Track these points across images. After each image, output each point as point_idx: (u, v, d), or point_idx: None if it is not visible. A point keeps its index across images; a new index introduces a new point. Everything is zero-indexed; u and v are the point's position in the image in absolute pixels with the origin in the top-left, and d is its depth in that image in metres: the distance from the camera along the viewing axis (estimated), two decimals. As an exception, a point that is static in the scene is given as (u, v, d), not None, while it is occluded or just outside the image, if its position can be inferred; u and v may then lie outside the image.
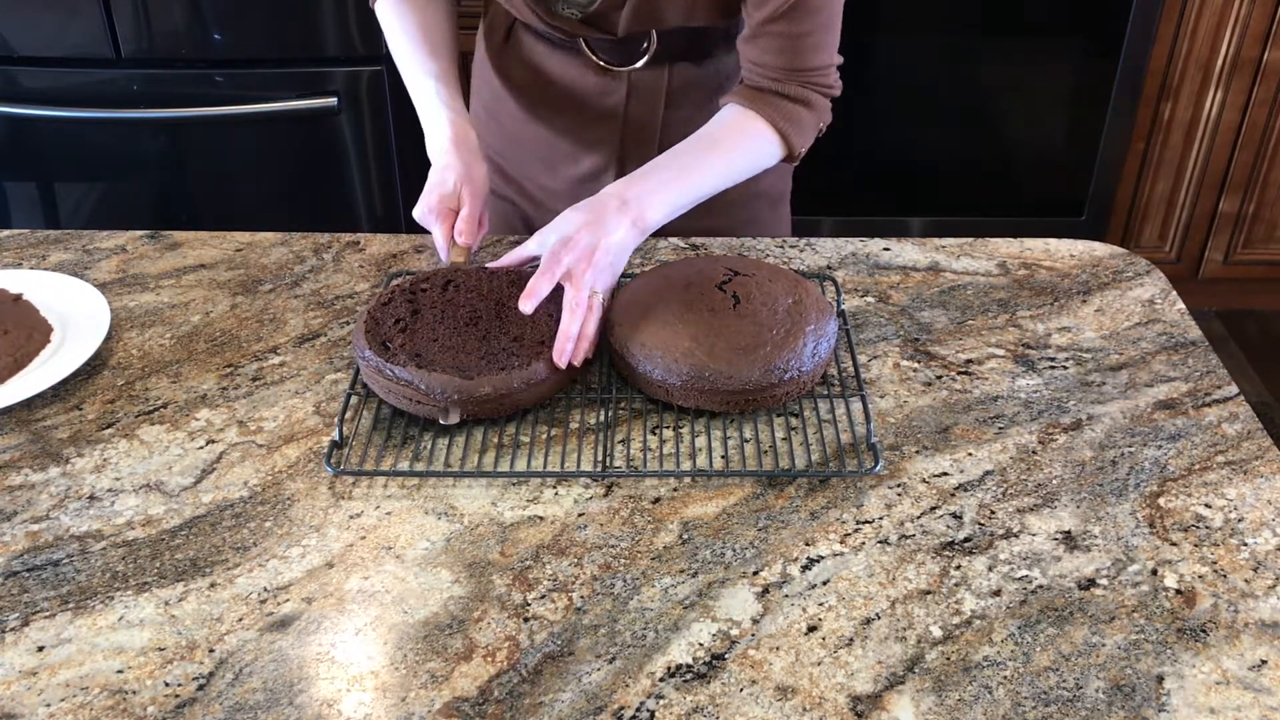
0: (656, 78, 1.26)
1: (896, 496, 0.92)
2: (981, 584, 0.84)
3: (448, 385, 0.95)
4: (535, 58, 1.29)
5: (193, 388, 1.04)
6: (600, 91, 1.27)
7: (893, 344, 1.10)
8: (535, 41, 1.28)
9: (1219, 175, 2.65)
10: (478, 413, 0.96)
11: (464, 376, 0.95)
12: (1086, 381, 1.05)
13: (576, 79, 1.27)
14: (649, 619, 0.81)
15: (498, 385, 0.95)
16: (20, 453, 0.97)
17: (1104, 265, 1.23)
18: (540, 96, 1.31)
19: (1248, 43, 2.49)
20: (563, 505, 0.91)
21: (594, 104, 1.28)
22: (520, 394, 0.97)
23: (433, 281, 1.07)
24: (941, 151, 2.60)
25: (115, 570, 0.85)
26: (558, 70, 1.28)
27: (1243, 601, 0.83)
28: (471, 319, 1.03)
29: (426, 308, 1.04)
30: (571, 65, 1.27)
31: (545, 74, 1.29)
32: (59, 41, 2.21)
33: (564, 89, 1.29)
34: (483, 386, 0.95)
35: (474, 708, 0.75)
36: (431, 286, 1.06)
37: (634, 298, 1.04)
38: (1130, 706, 0.75)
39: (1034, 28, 2.48)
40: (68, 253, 1.24)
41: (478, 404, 0.96)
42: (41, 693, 0.76)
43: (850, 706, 0.75)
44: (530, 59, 1.29)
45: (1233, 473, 0.95)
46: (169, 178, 2.39)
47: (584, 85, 1.27)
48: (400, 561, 0.86)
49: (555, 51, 1.27)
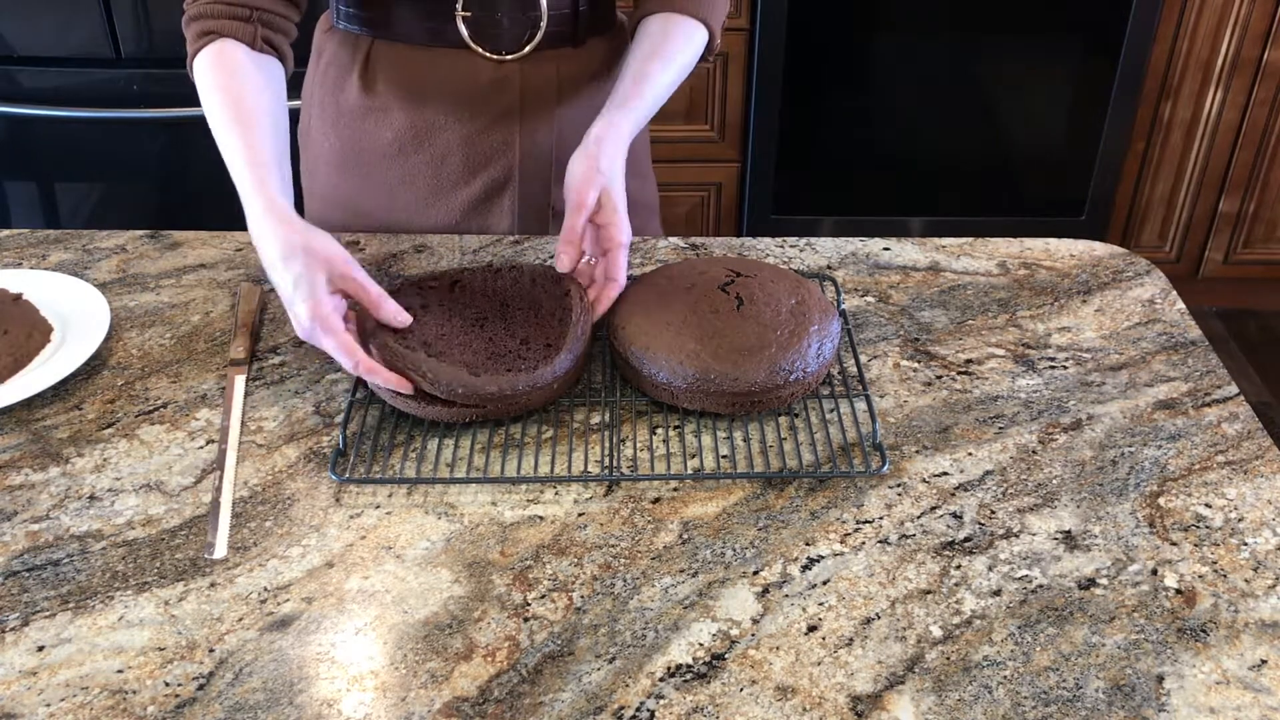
0: (547, 67, 1.23)
1: (896, 496, 0.92)
2: (981, 584, 0.84)
3: (455, 379, 0.95)
4: (408, 73, 1.23)
5: (193, 388, 1.04)
6: (490, 90, 1.22)
7: (893, 344, 1.10)
8: (407, 53, 1.22)
9: (1219, 175, 2.65)
10: (483, 414, 0.96)
11: (471, 373, 0.95)
12: (1086, 381, 1.05)
13: (463, 81, 1.22)
14: (649, 619, 0.81)
15: (503, 386, 0.95)
16: (20, 452, 0.97)
17: (1104, 265, 1.23)
18: (420, 117, 1.24)
19: (1248, 43, 2.49)
20: (563, 505, 0.91)
21: (484, 107, 1.23)
22: (526, 396, 0.97)
23: (440, 280, 1.07)
24: (941, 151, 2.60)
25: (115, 570, 0.85)
26: (441, 78, 1.22)
27: (1243, 601, 0.83)
28: (478, 319, 1.03)
29: (435, 304, 1.04)
30: (456, 67, 1.21)
31: (424, 87, 1.23)
32: (59, 41, 2.21)
33: (447, 99, 1.23)
34: (489, 385, 0.95)
35: (474, 708, 0.75)
36: (440, 285, 1.07)
37: (637, 300, 1.04)
38: (1130, 706, 0.75)
39: (1034, 28, 2.48)
40: (68, 253, 1.24)
41: (483, 401, 0.96)
42: (41, 692, 0.76)
43: (850, 706, 0.75)
44: (402, 79, 1.23)
45: (1233, 472, 0.95)
46: (169, 178, 2.39)
47: (471, 87, 1.22)
48: (400, 561, 0.86)
49: (432, 56, 1.21)
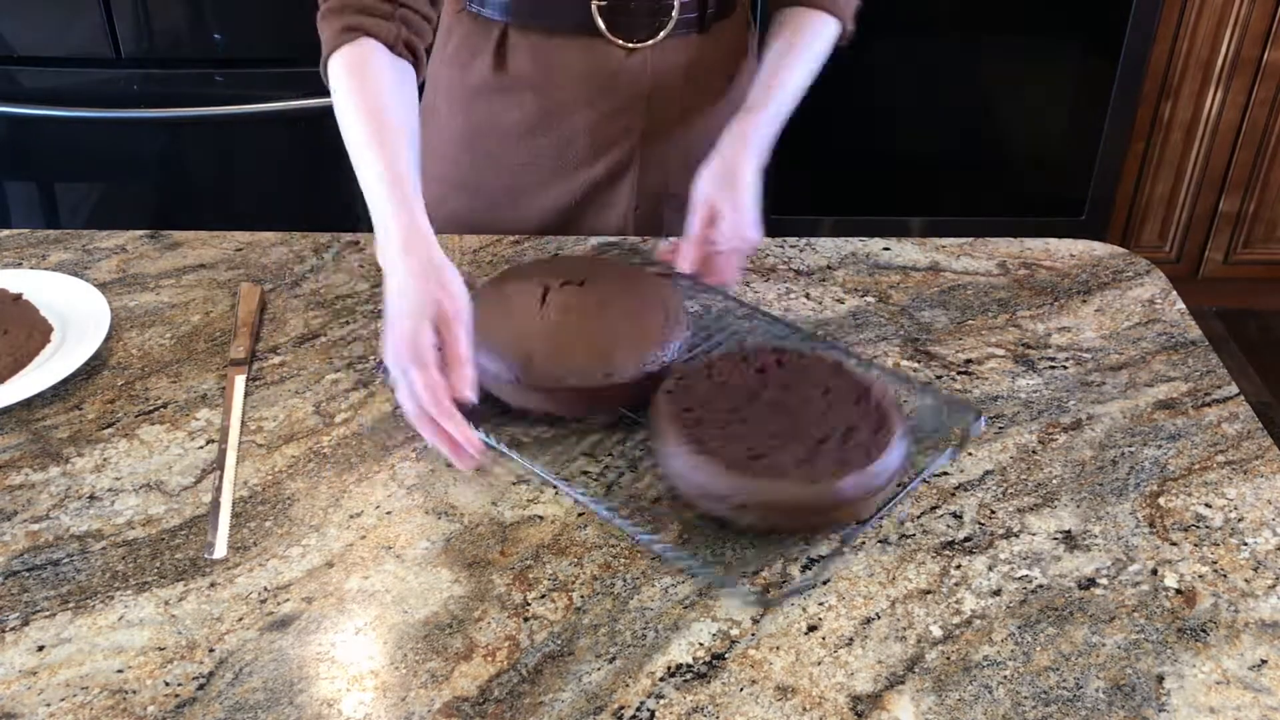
0: (675, 54, 1.25)
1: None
2: (981, 584, 0.84)
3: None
4: (541, 59, 1.25)
5: (193, 388, 1.04)
6: (620, 77, 1.24)
7: (893, 344, 1.10)
8: (541, 39, 1.24)
9: (1219, 175, 2.65)
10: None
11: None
12: (1086, 381, 1.05)
13: (595, 67, 1.24)
14: (649, 618, 0.81)
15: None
16: (20, 452, 0.97)
17: (1104, 265, 1.23)
18: (550, 101, 1.27)
19: (1248, 43, 2.49)
20: (563, 505, 0.91)
21: (613, 93, 1.25)
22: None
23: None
24: (941, 151, 2.60)
25: (115, 570, 0.85)
26: (570, 64, 1.24)
27: (1243, 601, 0.83)
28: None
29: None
30: (588, 53, 1.23)
31: (555, 73, 1.25)
32: (59, 41, 2.21)
33: (578, 84, 1.25)
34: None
35: (474, 707, 0.75)
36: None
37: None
38: (1130, 706, 0.75)
39: (1034, 28, 2.48)
40: (68, 253, 1.24)
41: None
42: (41, 692, 0.76)
43: (850, 706, 0.75)
44: (534, 63, 1.25)
45: (1233, 472, 0.95)
46: (169, 178, 2.38)
47: (601, 74, 1.24)
48: (400, 561, 0.86)
49: (566, 42, 1.23)
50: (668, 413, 0.90)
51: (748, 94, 1.18)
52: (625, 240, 1.26)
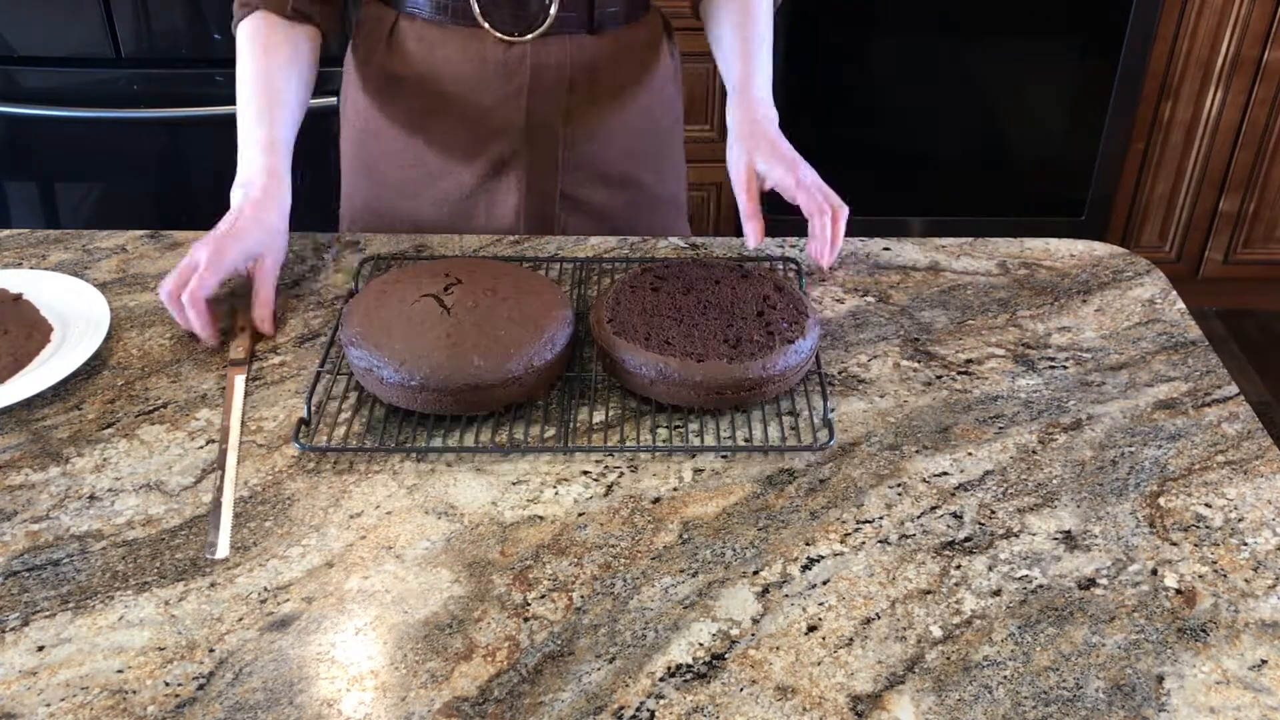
0: (560, 53, 1.26)
1: (896, 496, 0.92)
2: (981, 584, 0.84)
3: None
4: (424, 50, 1.27)
5: (193, 388, 1.04)
6: (497, 70, 1.26)
7: (893, 344, 1.10)
8: (425, 29, 1.26)
9: (1219, 175, 2.65)
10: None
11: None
12: (1086, 381, 1.05)
13: (474, 59, 1.25)
14: (649, 619, 0.81)
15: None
16: (20, 452, 0.97)
17: (1104, 265, 1.23)
18: (434, 92, 1.28)
19: (1248, 43, 2.49)
20: (563, 505, 0.91)
21: (490, 87, 1.27)
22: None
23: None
24: (942, 151, 2.60)
25: (115, 570, 0.85)
26: (451, 55, 1.26)
27: (1243, 601, 0.83)
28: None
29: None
30: (468, 45, 1.25)
31: (438, 64, 1.27)
32: (59, 41, 2.21)
33: (460, 76, 1.27)
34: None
35: (474, 707, 0.75)
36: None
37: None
38: (1130, 706, 0.75)
39: (1034, 28, 2.48)
40: (68, 253, 1.24)
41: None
42: (41, 692, 0.76)
43: (850, 706, 0.75)
44: (419, 53, 1.27)
45: (1233, 472, 0.95)
46: (169, 178, 2.39)
47: (480, 66, 1.26)
48: (400, 561, 0.86)
49: (448, 33, 1.25)
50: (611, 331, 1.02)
51: (729, 77, 1.23)
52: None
